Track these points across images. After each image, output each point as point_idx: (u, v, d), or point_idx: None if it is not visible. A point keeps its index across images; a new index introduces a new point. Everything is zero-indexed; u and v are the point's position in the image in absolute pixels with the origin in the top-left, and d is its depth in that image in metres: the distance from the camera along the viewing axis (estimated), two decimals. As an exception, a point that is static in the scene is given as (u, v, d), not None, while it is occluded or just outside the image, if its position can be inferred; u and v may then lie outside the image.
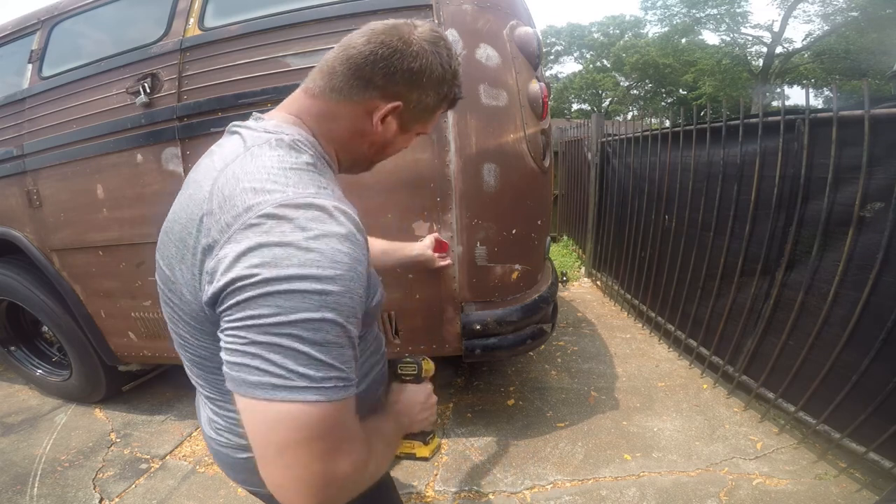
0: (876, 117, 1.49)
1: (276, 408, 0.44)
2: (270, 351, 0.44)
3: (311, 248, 0.46)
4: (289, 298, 0.45)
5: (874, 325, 1.51)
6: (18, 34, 2.10)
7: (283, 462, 0.45)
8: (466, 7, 1.56)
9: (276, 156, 0.54)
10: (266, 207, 0.48)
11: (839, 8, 15.93)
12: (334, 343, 0.47)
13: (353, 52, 0.58)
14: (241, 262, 0.46)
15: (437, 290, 1.71)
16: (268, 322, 0.45)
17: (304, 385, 0.45)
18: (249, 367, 0.45)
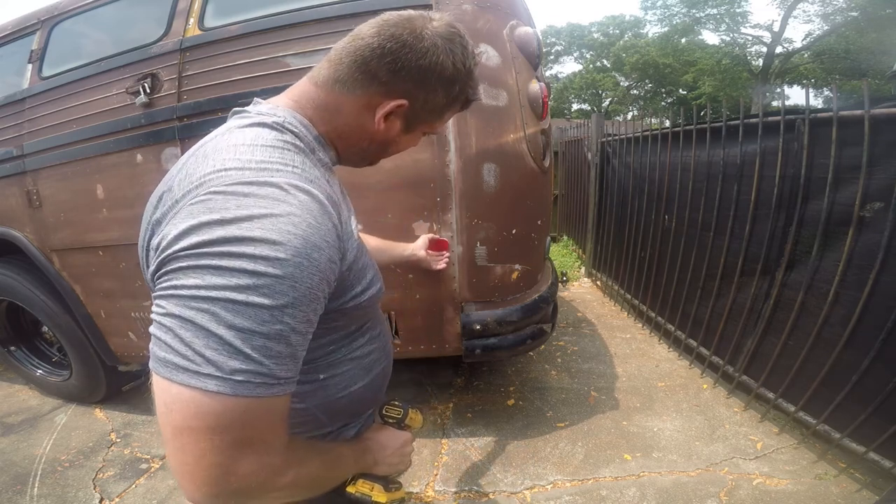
0: (876, 117, 1.49)
1: (175, 389, 0.41)
2: (182, 326, 0.41)
3: (254, 226, 0.42)
4: (216, 273, 0.41)
5: (874, 325, 1.51)
6: (18, 34, 2.10)
7: (176, 445, 0.42)
8: (466, 7, 1.56)
9: (252, 134, 0.51)
10: (217, 184, 0.45)
11: (839, 8, 15.92)
12: (258, 332, 0.41)
13: (360, 43, 0.55)
14: (180, 238, 0.43)
15: (437, 290, 1.71)
16: (187, 294, 0.41)
17: (208, 372, 0.40)
18: (160, 340, 0.42)
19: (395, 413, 0.77)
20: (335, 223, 0.49)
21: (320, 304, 0.48)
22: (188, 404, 0.41)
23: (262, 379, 0.43)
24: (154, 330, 0.43)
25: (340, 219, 0.51)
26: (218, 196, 0.44)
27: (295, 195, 0.45)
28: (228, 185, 0.45)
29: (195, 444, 0.41)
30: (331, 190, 0.53)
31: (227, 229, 0.42)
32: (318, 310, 0.48)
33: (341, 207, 0.54)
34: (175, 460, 0.43)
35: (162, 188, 0.52)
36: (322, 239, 0.46)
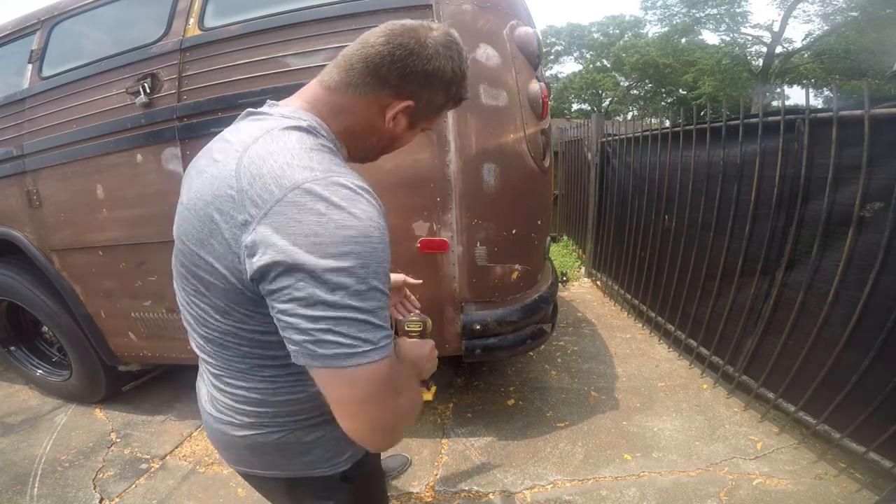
0: (876, 117, 1.49)
1: (351, 372, 0.51)
2: (337, 324, 0.50)
3: (351, 225, 0.51)
4: (338, 275, 0.50)
5: (874, 325, 1.51)
6: (18, 34, 2.10)
7: (365, 413, 0.54)
8: (466, 7, 1.56)
9: (295, 137, 0.57)
10: (298, 185, 0.51)
11: (839, 8, 15.91)
12: (379, 307, 0.53)
13: (371, 51, 0.60)
14: (284, 241, 0.50)
15: (437, 290, 1.71)
16: (327, 300, 0.50)
17: (369, 349, 0.52)
18: (322, 341, 0.51)
19: (416, 327, 0.86)
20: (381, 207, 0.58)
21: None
22: (367, 378, 0.52)
23: (389, 339, 0.54)
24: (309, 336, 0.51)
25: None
26: (305, 197, 0.51)
27: (361, 194, 0.54)
28: (309, 183, 0.52)
29: (378, 405, 0.54)
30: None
31: (330, 234, 0.50)
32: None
33: None
34: (366, 423, 0.55)
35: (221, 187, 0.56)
36: (385, 224, 0.56)
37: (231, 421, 0.70)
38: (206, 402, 0.75)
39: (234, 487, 1.77)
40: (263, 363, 0.65)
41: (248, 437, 0.70)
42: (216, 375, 0.70)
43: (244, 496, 1.72)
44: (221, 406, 0.71)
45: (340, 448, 0.74)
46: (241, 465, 0.76)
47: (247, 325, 0.60)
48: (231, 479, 1.81)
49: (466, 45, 1.69)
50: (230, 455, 0.76)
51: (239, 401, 0.68)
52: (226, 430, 0.71)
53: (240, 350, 0.64)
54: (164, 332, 2.00)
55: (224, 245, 0.55)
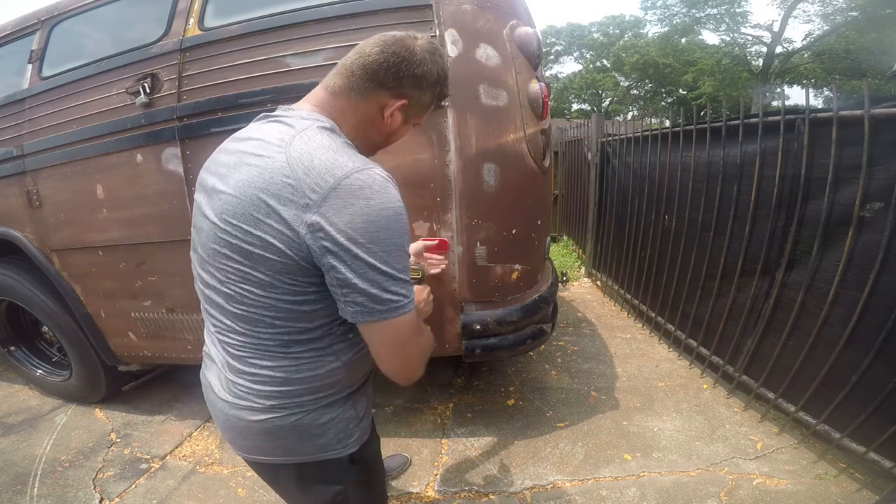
0: (876, 117, 1.49)
1: (397, 322, 0.68)
2: (388, 284, 0.66)
3: (389, 206, 0.65)
4: (383, 247, 0.64)
5: (874, 325, 1.51)
6: (18, 34, 2.10)
7: (405, 352, 0.72)
8: (466, 7, 1.56)
9: (325, 136, 0.68)
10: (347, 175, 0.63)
11: (839, 8, 15.90)
12: (407, 267, 0.68)
13: (368, 59, 0.72)
14: (345, 223, 0.62)
15: (436, 290, 1.70)
16: (378, 267, 0.64)
17: (407, 301, 0.68)
18: (378, 298, 0.65)
19: (415, 274, 0.95)
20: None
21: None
22: (407, 325, 0.69)
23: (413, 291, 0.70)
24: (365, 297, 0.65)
25: None
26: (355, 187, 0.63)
27: (389, 181, 0.68)
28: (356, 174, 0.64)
29: (413, 344, 0.72)
30: None
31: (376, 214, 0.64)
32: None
33: None
34: (405, 362, 0.74)
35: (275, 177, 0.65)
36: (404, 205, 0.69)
37: (250, 405, 0.75)
38: (219, 389, 0.79)
39: (233, 487, 1.77)
40: (291, 338, 0.73)
41: (266, 422, 0.76)
42: (239, 357, 0.75)
43: (244, 496, 1.72)
44: (241, 390, 0.75)
45: (350, 430, 0.82)
46: (254, 452, 0.81)
47: (287, 295, 0.69)
48: (231, 479, 1.81)
49: (466, 45, 1.69)
50: (245, 442, 0.80)
51: (261, 381, 0.74)
52: (243, 416, 0.76)
53: (273, 325, 0.71)
54: (164, 332, 2.00)
55: (283, 224, 0.64)
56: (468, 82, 1.56)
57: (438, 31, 1.54)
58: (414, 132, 1.61)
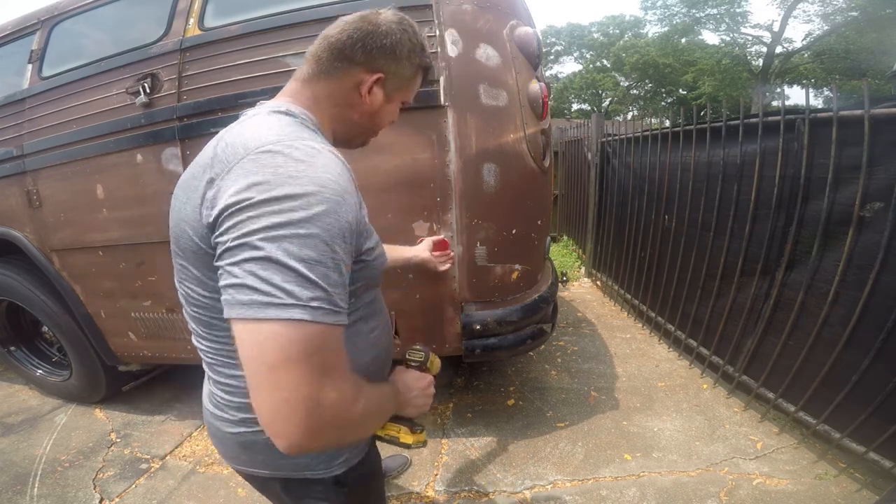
0: (876, 117, 1.49)
1: (265, 327, 0.47)
2: (261, 268, 0.47)
3: (300, 173, 0.51)
4: (279, 214, 0.48)
5: (874, 325, 1.51)
6: (18, 34, 2.10)
7: (273, 383, 0.46)
8: (466, 7, 1.56)
9: (274, 117, 0.62)
10: (263, 146, 0.54)
11: (839, 8, 15.91)
12: (319, 262, 0.49)
13: (332, 40, 0.68)
14: (236, 188, 0.51)
15: (437, 290, 1.71)
16: (258, 238, 0.48)
17: (291, 303, 0.47)
18: (242, 286, 0.47)
19: (417, 357, 0.82)
20: (352, 177, 0.59)
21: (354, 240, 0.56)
22: (279, 337, 0.47)
23: (330, 306, 0.50)
24: (233, 280, 0.48)
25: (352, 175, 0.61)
26: (265, 155, 0.53)
27: (324, 153, 0.56)
28: (273, 145, 0.54)
29: (289, 376, 0.46)
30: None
31: (281, 179, 0.50)
32: (352, 245, 0.56)
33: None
34: (272, 400, 0.47)
35: (201, 163, 0.59)
36: (350, 184, 0.56)
37: (225, 417, 0.70)
38: (206, 398, 0.75)
39: (234, 487, 1.77)
40: None
41: (240, 435, 0.70)
42: (209, 364, 0.70)
43: (244, 496, 1.72)
44: (218, 400, 0.70)
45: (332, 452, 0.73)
46: (237, 463, 0.75)
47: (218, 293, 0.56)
48: (231, 479, 1.81)
49: (466, 45, 1.69)
50: (227, 452, 0.75)
51: (231, 391, 0.67)
52: (221, 427, 0.71)
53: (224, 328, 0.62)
54: (164, 331, 2.00)
55: (193, 206, 0.56)
56: (468, 82, 1.56)
57: (438, 31, 1.54)
58: (414, 132, 1.62)
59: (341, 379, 0.51)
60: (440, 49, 1.54)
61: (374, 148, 1.61)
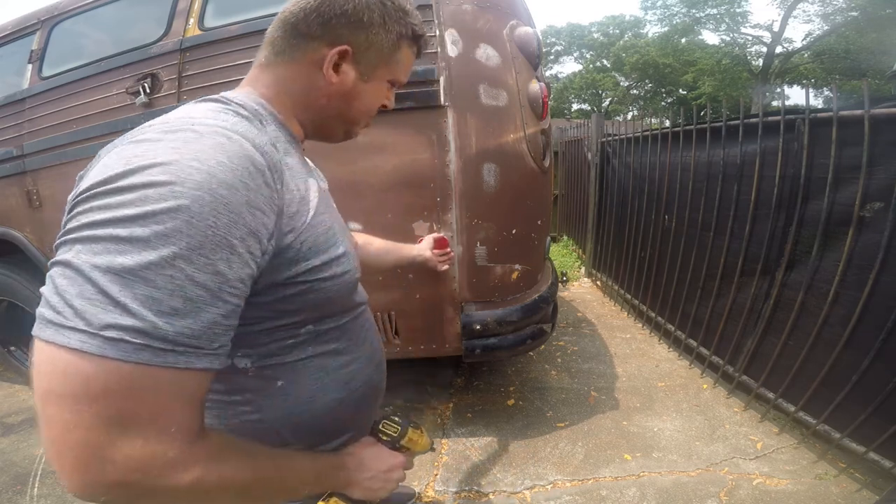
0: (876, 117, 1.49)
1: (42, 348, 0.35)
2: (61, 274, 0.36)
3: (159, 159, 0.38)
4: (105, 210, 0.36)
5: (874, 325, 1.51)
6: (18, 34, 2.10)
7: (43, 416, 0.36)
8: (466, 7, 1.56)
9: (196, 105, 0.51)
10: (134, 136, 0.43)
11: (839, 8, 15.91)
12: (142, 278, 0.35)
13: (286, 14, 0.58)
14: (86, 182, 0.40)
15: (437, 290, 1.71)
16: (72, 237, 0.37)
17: (73, 325, 0.34)
18: (43, 295, 0.37)
19: (390, 430, 0.66)
20: (263, 171, 0.44)
21: (239, 256, 0.41)
22: (52, 364, 0.35)
23: (146, 340, 0.35)
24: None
25: (279, 175, 0.48)
26: (129, 145, 0.41)
27: (211, 137, 0.42)
28: (145, 134, 0.43)
29: (60, 414, 0.35)
30: (275, 152, 0.50)
31: (131, 168, 0.38)
32: (234, 262, 0.40)
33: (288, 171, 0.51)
34: (44, 437, 0.36)
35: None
36: (238, 179, 0.40)
37: None
38: None
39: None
40: None
41: None
42: None
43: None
44: None
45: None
46: None
47: None
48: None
49: (466, 45, 1.69)
50: None
51: None
52: None
53: None
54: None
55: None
56: (468, 82, 1.56)
57: (438, 31, 1.54)
58: (414, 132, 1.62)
59: (157, 438, 0.38)
60: (440, 49, 1.55)
61: (374, 148, 1.61)
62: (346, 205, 1.64)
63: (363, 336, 0.68)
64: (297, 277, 0.51)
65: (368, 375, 0.68)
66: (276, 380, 0.57)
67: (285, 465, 0.52)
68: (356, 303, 0.67)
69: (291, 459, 0.54)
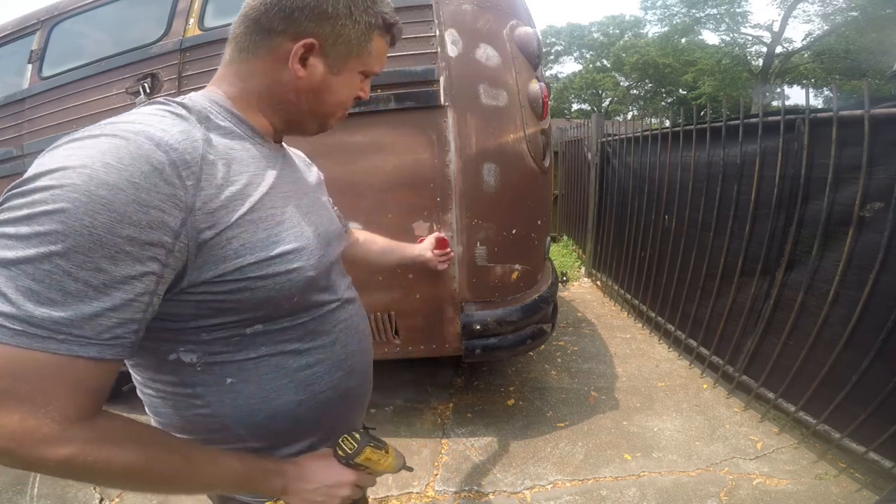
0: (876, 117, 1.49)
1: None
2: None
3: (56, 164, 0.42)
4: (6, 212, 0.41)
5: (874, 325, 1.51)
6: (18, 34, 2.10)
7: None
8: (466, 7, 1.56)
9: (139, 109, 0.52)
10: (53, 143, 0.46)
11: (839, 8, 15.91)
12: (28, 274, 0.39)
13: (247, 10, 0.57)
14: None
15: (437, 290, 1.71)
16: None
17: None
18: None
19: (347, 446, 0.63)
20: (162, 169, 0.44)
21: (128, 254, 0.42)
22: None
23: (22, 326, 0.39)
24: None
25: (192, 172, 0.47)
26: (45, 152, 0.45)
27: (109, 140, 0.43)
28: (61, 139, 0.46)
29: None
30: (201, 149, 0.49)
31: (31, 174, 0.42)
32: (121, 259, 0.42)
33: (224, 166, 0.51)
34: None
35: None
36: (124, 180, 0.41)
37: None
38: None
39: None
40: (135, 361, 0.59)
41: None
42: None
43: (244, 496, 1.72)
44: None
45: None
46: None
47: None
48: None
49: (466, 45, 1.69)
50: None
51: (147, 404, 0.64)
52: None
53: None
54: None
55: None
56: (468, 82, 1.56)
57: (438, 31, 1.54)
58: (414, 132, 1.62)
59: (33, 414, 0.41)
60: (440, 49, 1.55)
61: (375, 148, 1.61)
62: (347, 205, 1.65)
63: (333, 337, 0.65)
64: (227, 276, 0.50)
65: (336, 380, 0.65)
66: (226, 377, 0.56)
67: (201, 460, 0.53)
68: (319, 301, 0.63)
69: (211, 456, 0.54)
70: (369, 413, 2.18)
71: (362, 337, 0.73)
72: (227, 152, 0.52)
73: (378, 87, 1.56)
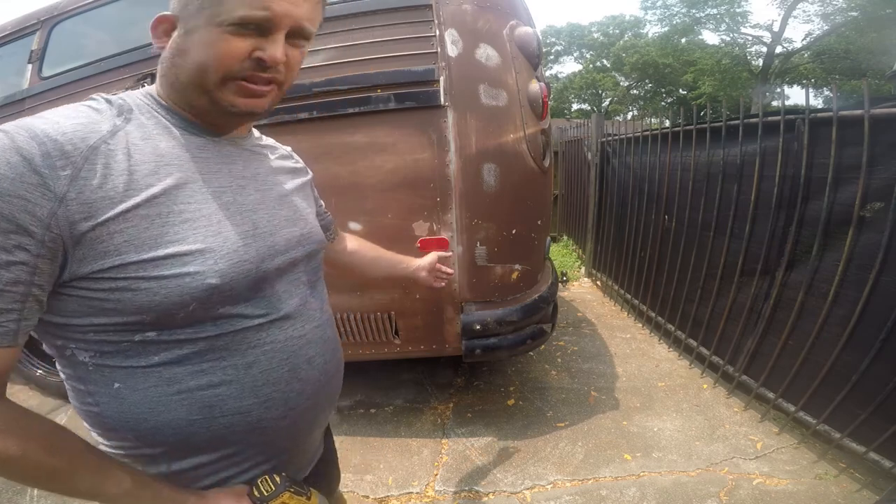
0: (876, 117, 1.49)
1: None
2: None
3: None
4: None
5: (874, 325, 1.51)
6: (18, 34, 2.10)
7: None
8: (466, 7, 1.56)
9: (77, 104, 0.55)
10: None
11: (839, 8, 15.91)
12: None
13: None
14: None
15: (437, 290, 1.71)
16: None
17: None
18: None
19: (263, 488, 0.59)
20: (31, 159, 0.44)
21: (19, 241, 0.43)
22: None
23: None
24: None
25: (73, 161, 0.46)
26: None
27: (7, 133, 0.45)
28: None
29: None
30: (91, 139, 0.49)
31: None
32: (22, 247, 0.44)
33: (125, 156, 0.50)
34: None
35: None
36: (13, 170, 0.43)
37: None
38: None
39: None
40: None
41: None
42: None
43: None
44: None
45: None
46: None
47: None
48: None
49: (466, 45, 1.69)
50: None
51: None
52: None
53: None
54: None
55: None
56: (468, 82, 1.56)
57: (438, 31, 1.54)
58: (414, 132, 1.62)
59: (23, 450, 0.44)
60: (440, 49, 1.55)
61: (375, 148, 1.62)
62: (347, 205, 1.65)
63: (251, 359, 0.58)
64: (107, 273, 0.48)
65: (246, 408, 0.58)
66: (114, 381, 0.54)
67: (88, 467, 0.50)
68: (233, 314, 0.56)
69: (100, 466, 0.52)
70: (370, 413, 2.18)
71: (303, 366, 0.63)
72: (138, 143, 0.52)
73: (378, 87, 1.56)
